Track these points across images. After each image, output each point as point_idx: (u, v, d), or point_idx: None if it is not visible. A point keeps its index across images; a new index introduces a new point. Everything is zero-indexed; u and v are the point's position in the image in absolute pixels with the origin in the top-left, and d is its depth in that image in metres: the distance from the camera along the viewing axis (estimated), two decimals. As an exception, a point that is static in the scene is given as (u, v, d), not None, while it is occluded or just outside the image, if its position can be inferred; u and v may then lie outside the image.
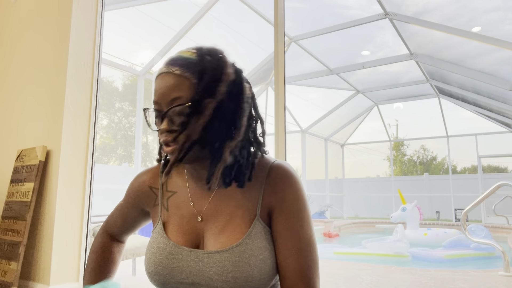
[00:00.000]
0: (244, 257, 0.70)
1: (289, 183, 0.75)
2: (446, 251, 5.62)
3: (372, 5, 5.88)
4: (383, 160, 16.00)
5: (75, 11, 2.00)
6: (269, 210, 0.75)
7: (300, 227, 0.73)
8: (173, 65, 0.72)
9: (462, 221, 3.95)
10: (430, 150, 17.45)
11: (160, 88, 0.72)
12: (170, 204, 0.83)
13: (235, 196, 0.77)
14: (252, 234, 0.73)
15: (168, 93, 0.71)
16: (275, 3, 1.92)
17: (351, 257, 5.48)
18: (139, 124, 7.81)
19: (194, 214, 0.79)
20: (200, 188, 0.80)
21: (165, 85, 0.71)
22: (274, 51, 1.88)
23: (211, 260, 0.72)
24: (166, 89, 0.71)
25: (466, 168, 14.96)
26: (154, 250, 0.78)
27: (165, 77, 0.72)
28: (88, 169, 1.99)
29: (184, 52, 0.75)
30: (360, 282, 3.25)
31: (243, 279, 0.69)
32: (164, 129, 0.71)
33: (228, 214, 0.76)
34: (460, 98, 10.13)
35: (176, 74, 0.71)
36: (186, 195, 0.82)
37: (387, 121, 13.26)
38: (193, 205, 0.80)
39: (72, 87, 1.97)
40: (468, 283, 3.23)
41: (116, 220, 0.95)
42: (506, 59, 6.45)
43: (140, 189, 0.89)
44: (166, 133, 0.71)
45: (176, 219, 0.80)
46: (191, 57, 0.73)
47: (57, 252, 1.86)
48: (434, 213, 12.07)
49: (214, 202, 0.78)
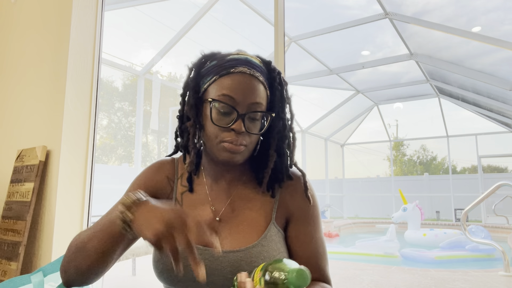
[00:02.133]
0: (260, 258, 0.71)
1: (308, 193, 0.80)
2: (437, 253, 5.64)
3: (372, 5, 5.87)
4: (383, 160, 16.00)
5: (75, 11, 2.00)
6: (286, 216, 0.79)
7: (317, 231, 0.80)
8: (255, 69, 0.74)
9: (462, 221, 3.95)
10: (430, 150, 17.45)
11: (241, 87, 0.72)
12: (184, 200, 0.81)
13: (253, 199, 0.79)
14: (267, 237, 0.74)
15: (251, 96, 0.72)
16: (275, 3, 1.92)
17: (343, 256, 5.50)
18: (139, 124, 7.82)
19: (211, 213, 0.78)
20: (219, 188, 0.80)
21: (248, 87, 0.72)
22: (274, 51, 1.88)
23: (226, 260, 0.72)
24: (249, 91, 0.72)
25: (466, 168, 14.96)
26: None
27: (248, 79, 0.73)
28: (88, 169, 2.00)
29: (254, 58, 0.77)
30: (360, 282, 3.26)
31: None
32: (239, 129, 0.71)
33: (245, 216, 0.77)
34: (460, 98, 10.13)
35: (260, 80, 0.74)
36: (203, 193, 0.81)
37: (387, 121, 13.25)
38: (213, 205, 0.79)
39: (72, 87, 1.97)
40: (468, 283, 3.23)
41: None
42: (506, 59, 6.45)
43: (158, 178, 0.83)
44: (243, 134, 0.72)
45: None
46: (263, 67, 0.77)
47: (57, 252, 1.86)
48: (434, 213, 12.07)
49: (232, 203, 0.79)
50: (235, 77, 0.72)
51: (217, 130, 0.72)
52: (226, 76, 0.73)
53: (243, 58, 0.75)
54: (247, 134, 0.73)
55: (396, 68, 8.77)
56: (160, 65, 9.20)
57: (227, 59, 0.75)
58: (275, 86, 0.77)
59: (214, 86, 0.74)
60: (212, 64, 0.76)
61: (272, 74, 0.77)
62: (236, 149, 0.72)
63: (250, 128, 0.73)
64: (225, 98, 0.71)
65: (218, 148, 0.73)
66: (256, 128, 0.75)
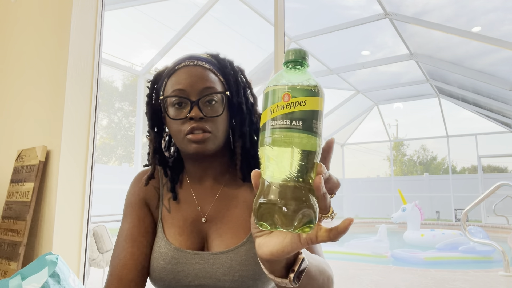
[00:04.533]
0: (249, 255, 0.71)
1: None
2: (426, 254, 5.67)
3: (372, 5, 5.87)
4: (383, 160, 16.00)
5: (75, 11, 2.00)
6: None
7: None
8: (199, 59, 0.76)
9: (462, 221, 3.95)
10: (430, 150, 17.45)
11: (187, 77, 0.73)
12: (172, 206, 0.80)
13: (238, 196, 0.78)
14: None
15: (199, 82, 0.73)
16: (275, 3, 1.92)
17: (332, 255, 5.51)
18: (139, 124, 7.82)
19: (198, 215, 0.77)
20: (204, 188, 0.80)
21: (195, 75, 0.73)
22: (274, 51, 1.88)
23: (217, 261, 0.71)
24: (197, 79, 0.73)
25: (466, 168, 14.96)
26: (155, 255, 0.75)
27: (192, 69, 0.74)
28: (88, 169, 1.99)
29: (201, 54, 0.79)
30: (360, 282, 3.26)
31: (250, 277, 0.70)
32: (196, 115, 0.71)
33: (231, 214, 0.76)
34: (460, 98, 10.13)
35: (205, 68, 0.75)
36: (189, 196, 0.80)
37: (387, 121, 13.26)
38: (198, 206, 0.78)
39: (72, 87, 1.97)
40: (468, 283, 3.23)
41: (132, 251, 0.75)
42: (506, 59, 6.45)
43: (146, 189, 0.83)
44: (199, 120, 0.71)
45: (178, 221, 0.78)
46: (210, 58, 0.79)
47: (57, 252, 1.86)
48: (434, 213, 12.07)
49: (218, 202, 0.78)
50: (180, 71, 0.74)
51: (178, 125, 0.73)
52: (173, 74, 0.75)
53: (186, 55, 0.77)
54: (209, 119, 0.72)
55: (396, 68, 8.77)
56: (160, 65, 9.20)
57: (172, 63, 0.78)
58: (227, 72, 0.78)
59: (166, 88, 0.75)
60: (164, 74, 0.79)
61: (222, 63, 0.79)
62: (201, 137, 0.71)
63: (208, 113, 0.72)
64: (175, 92, 0.72)
65: (184, 142, 0.73)
66: (216, 111, 0.74)
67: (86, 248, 2.01)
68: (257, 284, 0.70)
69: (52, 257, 0.78)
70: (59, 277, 0.75)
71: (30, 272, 0.74)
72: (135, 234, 0.77)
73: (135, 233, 0.77)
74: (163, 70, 0.81)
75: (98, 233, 3.14)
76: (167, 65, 0.81)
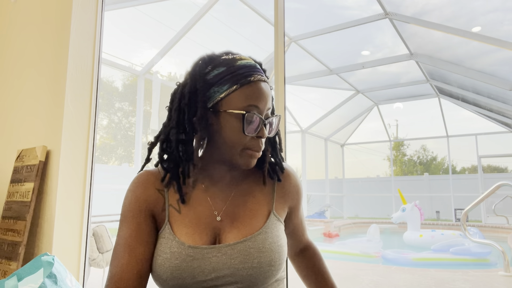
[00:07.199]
0: (266, 243, 0.75)
1: (299, 183, 0.91)
2: (414, 254, 5.70)
3: (372, 5, 5.87)
4: (383, 160, 16.00)
5: (75, 11, 2.00)
6: (284, 205, 0.86)
7: (302, 210, 0.94)
8: (264, 73, 0.78)
9: (462, 221, 3.96)
10: (430, 150, 17.45)
11: (262, 94, 0.75)
12: (181, 206, 0.79)
13: (252, 194, 0.83)
14: (269, 224, 0.79)
15: (268, 102, 0.77)
16: (275, 3, 1.92)
17: (322, 254, 5.55)
18: (139, 124, 7.82)
19: (212, 214, 0.78)
20: (219, 189, 0.82)
21: (266, 93, 0.76)
22: (274, 51, 1.88)
23: (235, 251, 0.73)
24: (267, 98, 0.76)
25: (466, 168, 14.96)
26: (166, 256, 0.73)
27: (264, 86, 0.76)
28: (88, 169, 1.99)
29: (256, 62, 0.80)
30: (360, 282, 3.26)
31: (267, 263, 0.73)
32: (264, 135, 0.76)
33: (246, 208, 0.80)
34: (460, 98, 10.13)
35: (268, 84, 0.79)
36: (202, 195, 0.80)
37: (387, 121, 13.26)
38: (212, 205, 0.80)
39: (72, 87, 1.97)
40: (468, 283, 3.23)
41: (130, 258, 0.73)
42: (506, 59, 6.45)
43: (148, 193, 0.79)
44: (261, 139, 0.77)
45: (191, 220, 0.77)
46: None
47: (57, 252, 1.86)
48: (434, 213, 12.07)
49: (232, 201, 0.81)
50: (256, 85, 0.74)
51: (243, 139, 0.74)
52: (248, 85, 0.74)
53: (252, 64, 0.77)
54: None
55: (396, 68, 8.77)
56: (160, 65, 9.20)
57: (238, 66, 0.74)
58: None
59: (236, 96, 0.73)
60: (221, 71, 0.74)
61: (266, 75, 0.81)
62: (259, 154, 0.77)
63: (269, 132, 0.78)
64: (252, 108, 0.74)
65: (241, 155, 0.76)
66: (271, 132, 0.79)
67: (86, 248, 2.01)
68: (272, 270, 0.74)
69: (48, 258, 0.78)
70: (56, 278, 0.75)
71: (26, 273, 0.74)
72: (133, 243, 0.74)
73: (133, 241, 0.75)
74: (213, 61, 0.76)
75: (98, 233, 3.13)
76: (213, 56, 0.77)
